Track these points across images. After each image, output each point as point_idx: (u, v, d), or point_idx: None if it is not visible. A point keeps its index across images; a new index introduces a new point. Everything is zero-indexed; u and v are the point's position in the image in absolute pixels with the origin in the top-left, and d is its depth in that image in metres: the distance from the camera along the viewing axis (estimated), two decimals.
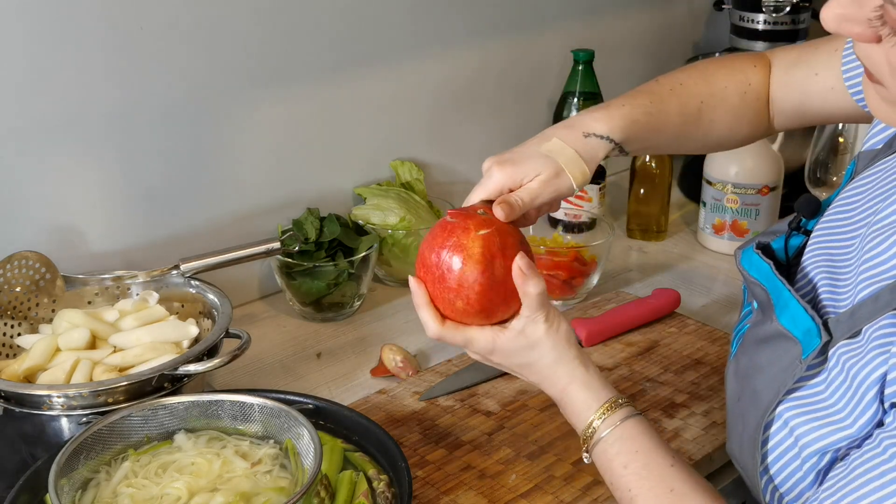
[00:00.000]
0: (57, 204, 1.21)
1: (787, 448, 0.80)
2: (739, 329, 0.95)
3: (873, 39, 0.68)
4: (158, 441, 0.96)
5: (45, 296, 1.14)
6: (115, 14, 1.17)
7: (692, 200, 1.72)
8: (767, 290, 0.86)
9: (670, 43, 1.90)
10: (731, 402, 0.90)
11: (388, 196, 1.44)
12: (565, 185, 0.94)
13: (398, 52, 1.48)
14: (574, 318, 1.30)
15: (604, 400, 0.88)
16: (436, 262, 0.87)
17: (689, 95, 1.04)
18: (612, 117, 0.98)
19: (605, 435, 0.86)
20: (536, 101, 1.69)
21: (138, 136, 1.25)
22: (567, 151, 0.95)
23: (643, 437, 0.86)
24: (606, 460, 0.87)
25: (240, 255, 1.19)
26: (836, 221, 0.87)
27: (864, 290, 0.77)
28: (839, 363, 0.76)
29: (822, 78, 1.02)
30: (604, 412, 0.87)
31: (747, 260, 0.91)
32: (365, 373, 1.24)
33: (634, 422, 0.87)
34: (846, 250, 0.83)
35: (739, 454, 0.87)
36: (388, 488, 0.93)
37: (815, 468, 0.78)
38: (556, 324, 0.90)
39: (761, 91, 1.07)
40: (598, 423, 0.87)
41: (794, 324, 0.80)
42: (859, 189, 0.87)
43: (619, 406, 0.88)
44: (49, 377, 1.03)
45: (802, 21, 1.69)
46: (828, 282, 0.83)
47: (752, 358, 0.86)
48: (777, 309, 0.83)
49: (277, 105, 1.37)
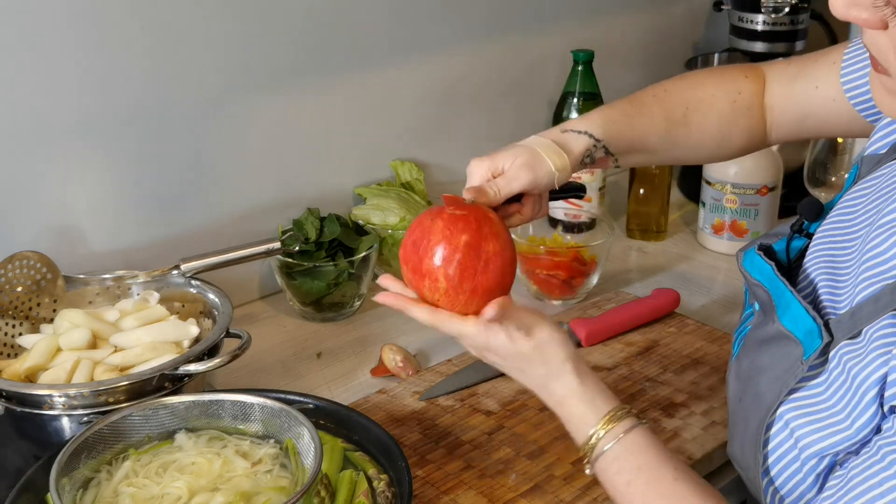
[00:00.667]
0: (58, 204, 1.21)
1: (787, 450, 0.80)
2: (741, 331, 0.95)
3: (880, 26, 0.68)
4: (159, 441, 0.96)
5: (46, 296, 1.15)
6: (115, 14, 1.17)
7: (692, 200, 1.73)
8: (769, 292, 0.86)
9: (670, 43, 1.90)
10: (733, 403, 0.90)
11: (388, 196, 1.44)
12: (543, 170, 0.96)
13: (398, 53, 1.48)
14: (574, 318, 1.31)
15: (603, 413, 0.86)
16: (412, 250, 0.87)
17: (673, 101, 1.06)
18: (589, 117, 1.03)
19: (607, 450, 0.84)
20: (536, 101, 1.69)
21: (139, 137, 1.25)
22: (547, 143, 0.98)
23: (646, 451, 0.84)
24: (608, 476, 0.85)
25: (240, 255, 1.19)
26: (839, 224, 0.87)
27: (864, 290, 0.77)
28: (840, 363, 0.76)
29: (822, 90, 1.02)
30: (603, 426, 0.85)
31: (749, 261, 0.91)
32: (365, 373, 1.24)
33: (636, 434, 0.85)
34: (847, 252, 0.84)
35: (741, 456, 0.87)
36: (388, 488, 0.94)
37: (813, 471, 0.78)
38: (547, 334, 0.87)
39: (753, 101, 1.08)
40: (598, 437, 0.85)
41: (796, 325, 0.80)
42: (863, 192, 0.87)
43: (619, 418, 0.85)
44: (50, 377, 1.03)
45: (801, 21, 1.69)
46: (828, 283, 0.83)
47: (753, 359, 0.86)
48: (779, 310, 0.84)
49: (277, 105, 1.37)
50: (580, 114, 1.53)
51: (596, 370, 1.21)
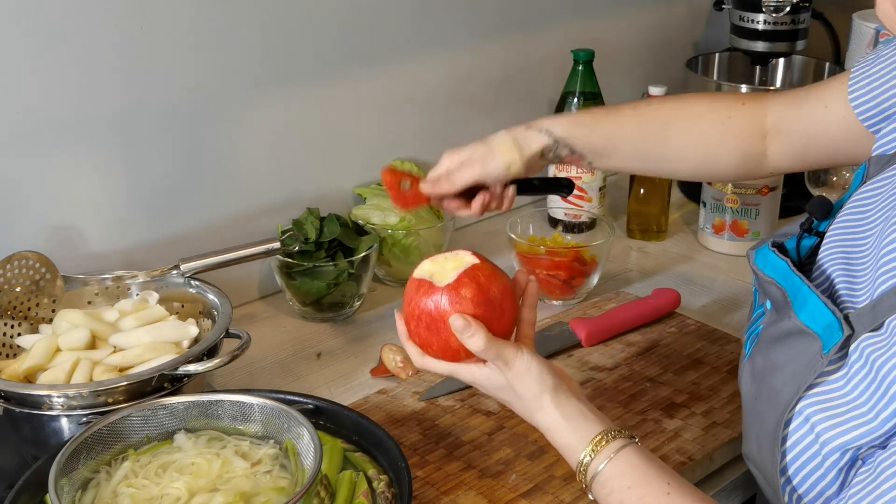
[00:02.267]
0: (57, 204, 1.21)
1: (807, 445, 0.80)
2: (752, 330, 0.94)
3: None
4: (158, 441, 0.96)
5: (45, 296, 1.14)
6: (115, 14, 1.17)
7: (692, 200, 1.72)
8: (784, 288, 0.86)
9: (670, 43, 1.90)
10: (748, 403, 0.90)
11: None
12: (493, 164, 1.07)
13: (398, 53, 1.48)
14: (574, 318, 1.30)
15: (589, 438, 0.85)
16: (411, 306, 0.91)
17: (653, 114, 1.11)
18: (558, 116, 1.12)
19: (598, 472, 0.84)
20: (536, 101, 1.69)
21: (138, 136, 1.25)
22: (504, 138, 1.08)
23: (636, 469, 0.83)
24: (602, 498, 0.85)
25: (240, 255, 1.19)
26: (852, 221, 0.87)
27: (884, 282, 0.77)
28: (862, 356, 0.76)
29: (831, 109, 1.01)
30: (592, 450, 0.85)
31: (762, 259, 0.91)
32: (365, 373, 1.24)
33: (626, 453, 0.84)
34: (863, 249, 0.84)
35: (758, 455, 0.87)
36: (388, 488, 0.94)
37: (835, 466, 0.78)
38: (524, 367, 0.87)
39: (746, 126, 1.09)
40: (587, 463, 0.84)
41: (814, 319, 0.80)
42: (875, 190, 0.87)
43: (608, 441, 0.85)
44: (49, 377, 1.03)
45: (802, 21, 1.69)
46: (845, 278, 0.84)
47: (768, 357, 0.86)
48: (795, 306, 0.83)
49: (278, 105, 1.37)
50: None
51: (596, 370, 1.22)
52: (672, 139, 1.10)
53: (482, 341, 0.85)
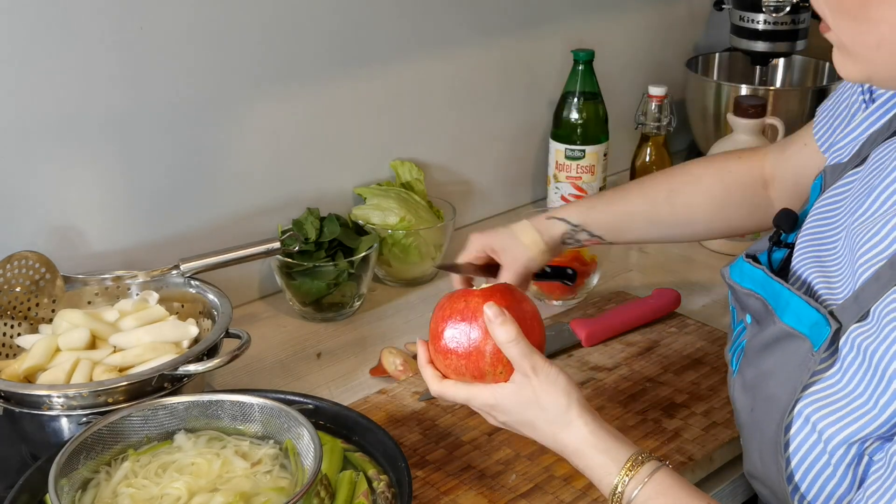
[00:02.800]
0: (57, 204, 1.21)
1: (811, 446, 0.80)
2: (736, 347, 0.95)
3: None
4: (158, 441, 0.96)
5: (44, 296, 1.14)
6: (114, 14, 1.17)
7: None
8: (763, 297, 0.87)
9: (670, 43, 1.90)
10: (744, 416, 0.90)
11: (388, 196, 1.44)
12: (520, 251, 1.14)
13: (398, 52, 1.48)
14: (574, 318, 1.30)
15: (623, 460, 0.84)
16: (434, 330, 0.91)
17: (657, 185, 1.18)
18: (573, 205, 1.20)
19: (634, 497, 0.83)
20: (536, 101, 1.69)
21: (138, 136, 1.25)
22: (527, 228, 1.15)
23: (675, 489, 0.82)
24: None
25: (240, 255, 1.19)
26: (820, 227, 0.89)
27: (864, 272, 0.78)
28: (854, 348, 0.77)
29: (809, 146, 1.05)
30: (626, 473, 0.83)
31: (738, 272, 0.92)
32: (365, 373, 1.24)
33: (661, 475, 0.83)
34: (833, 250, 0.85)
35: (761, 468, 0.86)
36: (388, 488, 0.93)
37: (842, 462, 0.78)
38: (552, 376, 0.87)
39: (747, 177, 1.14)
40: (623, 486, 0.83)
41: (799, 320, 0.81)
42: (838, 196, 0.89)
43: (641, 462, 0.84)
44: (49, 377, 1.03)
45: (802, 21, 1.69)
46: (821, 278, 0.85)
47: (758, 366, 0.86)
48: (778, 311, 0.84)
49: (277, 105, 1.37)
50: (580, 113, 1.56)
51: (596, 370, 1.22)
52: (679, 204, 1.15)
53: (514, 331, 0.86)
